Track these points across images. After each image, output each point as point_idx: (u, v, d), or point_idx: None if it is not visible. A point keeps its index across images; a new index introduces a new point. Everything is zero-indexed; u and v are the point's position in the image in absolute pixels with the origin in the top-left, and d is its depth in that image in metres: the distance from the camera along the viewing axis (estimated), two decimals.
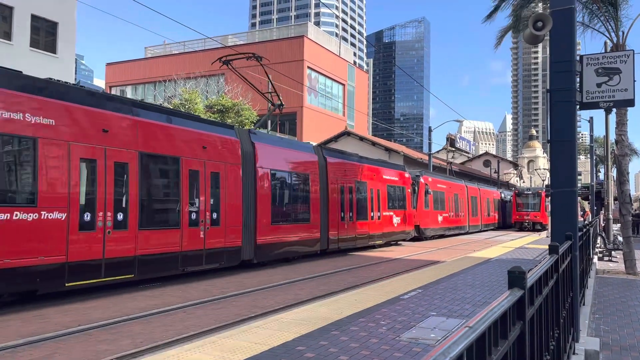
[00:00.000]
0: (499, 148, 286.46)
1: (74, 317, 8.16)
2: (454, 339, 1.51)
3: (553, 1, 5.93)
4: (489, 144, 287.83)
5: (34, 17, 26.93)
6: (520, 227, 41.81)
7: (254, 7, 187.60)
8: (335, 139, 43.77)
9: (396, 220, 23.44)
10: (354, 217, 19.77)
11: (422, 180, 27.76)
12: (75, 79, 31.27)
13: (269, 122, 31.31)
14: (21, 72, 9.24)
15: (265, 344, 5.78)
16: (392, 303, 8.36)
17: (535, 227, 41.22)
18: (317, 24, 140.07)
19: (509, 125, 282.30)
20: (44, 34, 27.61)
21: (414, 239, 26.62)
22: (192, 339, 6.51)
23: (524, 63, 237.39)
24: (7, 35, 25.89)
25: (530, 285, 2.62)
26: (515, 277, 2.36)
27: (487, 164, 68.48)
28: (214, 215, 12.73)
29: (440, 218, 30.02)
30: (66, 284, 9.24)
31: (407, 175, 25.74)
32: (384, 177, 22.91)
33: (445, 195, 31.33)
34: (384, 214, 22.31)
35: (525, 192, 42.70)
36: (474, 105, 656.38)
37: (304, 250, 16.74)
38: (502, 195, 49.30)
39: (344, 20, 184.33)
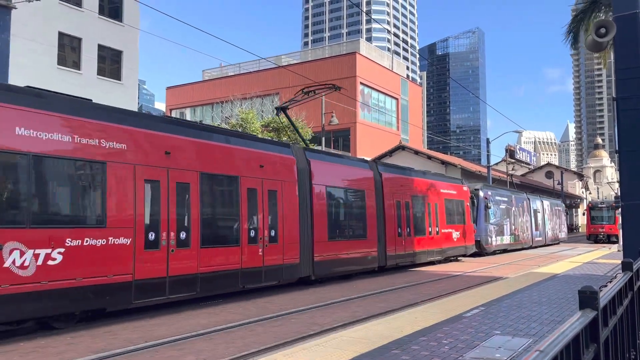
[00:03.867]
0: (562, 158, 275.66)
1: (140, 334, 8.44)
2: None
3: (616, 7, 5.69)
4: (551, 155, 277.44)
5: (101, 47, 28.52)
6: (595, 239, 42.28)
7: (306, 27, 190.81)
8: (390, 153, 43.53)
9: None
10: None
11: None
12: (138, 103, 32.76)
13: (323, 138, 31.53)
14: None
15: None
16: (454, 321, 8.14)
17: (610, 240, 41.14)
18: (369, 39, 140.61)
19: (572, 135, 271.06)
20: (110, 62, 29.16)
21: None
22: (254, 356, 6.58)
23: (586, 69, 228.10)
24: (76, 65, 27.54)
25: (604, 306, 2.49)
26: (587, 298, 2.25)
27: (549, 175, 65.88)
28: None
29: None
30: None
31: None
32: None
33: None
34: None
35: (599, 205, 43.29)
36: (533, 115, 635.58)
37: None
38: (549, 205, 39.84)
39: (395, 35, 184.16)
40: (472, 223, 25.15)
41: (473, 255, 25.58)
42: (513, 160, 56.85)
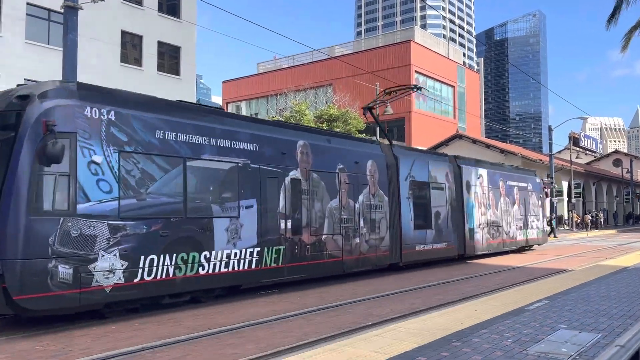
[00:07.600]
0: (632, 145, 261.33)
1: (202, 322, 8.71)
2: (605, 359, 1.37)
3: None
4: (619, 142, 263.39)
5: (160, 43, 29.43)
6: None
7: (359, 16, 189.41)
8: (447, 142, 42.68)
9: None
10: None
11: None
12: (196, 97, 33.65)
13: (378, 128, 31.24)
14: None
15: (384, 353, 5.73)
16: (516, 314, 7.90)
17: None
18: (424, 26, 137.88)
19: None
20: (168, 58, 30.06)
21: None
22: (312, 345, 6.64)
23: None
24: (138, 62, 28.56)
25: None
26: None
27: (617, 163, 62.59)
28: None
29: None
30: None
31: None
32: None
33: None
34: None
35: None
36: (598, 100, 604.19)
37: None
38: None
39: (451, 21, 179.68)
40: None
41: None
42: (577, 148, 54.45)
